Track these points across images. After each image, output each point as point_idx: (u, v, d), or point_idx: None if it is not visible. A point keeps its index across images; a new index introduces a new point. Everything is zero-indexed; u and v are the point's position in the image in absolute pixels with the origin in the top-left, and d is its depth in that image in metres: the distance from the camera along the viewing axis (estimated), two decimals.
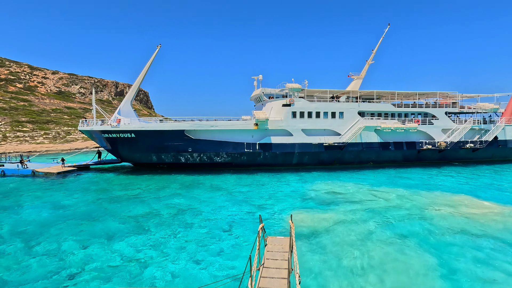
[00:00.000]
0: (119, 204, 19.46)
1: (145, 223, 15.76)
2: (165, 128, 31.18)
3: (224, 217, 16.81)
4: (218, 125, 31.95)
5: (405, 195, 21.21)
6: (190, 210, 18.12)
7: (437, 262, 11.26)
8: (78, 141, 67.42)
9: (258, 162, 32.97)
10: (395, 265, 11.08)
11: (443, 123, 36.45)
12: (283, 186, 24.64)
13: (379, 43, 40.87)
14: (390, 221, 15.73)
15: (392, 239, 13.46)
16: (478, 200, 19.64)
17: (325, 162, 34.44)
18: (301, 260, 11.19)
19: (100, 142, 33.69)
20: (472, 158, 37.39)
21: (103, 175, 30.29)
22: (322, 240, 13.31)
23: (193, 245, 13.02)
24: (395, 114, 36.92)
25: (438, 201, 19.36)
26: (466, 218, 16.00)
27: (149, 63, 32.95)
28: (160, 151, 31.78)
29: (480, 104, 39.25)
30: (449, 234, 13.92)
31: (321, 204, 19.16)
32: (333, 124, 34.19)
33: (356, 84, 40.76)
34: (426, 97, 40.82)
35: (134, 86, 33.33)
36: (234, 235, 14.21)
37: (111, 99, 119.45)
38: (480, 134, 37.17)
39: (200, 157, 32.17)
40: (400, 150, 35.16)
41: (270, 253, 9.00)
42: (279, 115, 33.15)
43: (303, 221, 15.89)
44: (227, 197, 21.17)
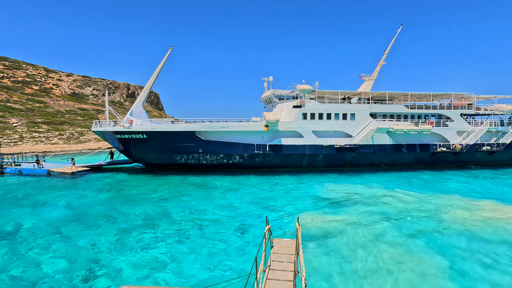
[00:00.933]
0: (131, 204, 19.68)
1: (156, 222, 15.88)
2: (177, 129, 31.46)
3: (234, 218, 16.78)
4: (229, 126, 32.02)
5: (417, 198, 20.71)
6: (200, 211, 18.16)
7: (445, 262, 11.22)
8: (91, 141, 68.82)
9: (268, 163, 32.85)
10: (404, 267, 10.89)
11: (458, 125, 35.53)
12: (293, 188, 24.45)
13: (391, 44, 40.25)
14: (401, 224, 15.38)
15: (402, 241, 13.24)
16: (494, 203, 19.00)
17: (336, 164, 34.02)
18: (308, 262, 11.18)
19: (112, 142, 34.26)
20: (489, 161, 36.28)
21: (115, 176, 30.76)
22: (331, 242, 13.19)
23: (202, 245, 13.02)
24: (408, 115, 36.20)
25: (451, 204, 18.83)
26: (474, 218, 15.48)
27: (160, 65, 33.37)
28: (171, 152, 32.07)
29: (497, 106, 38.07)
30: (459, 236, 13.49)
31: (331, 206, 18.92)
32: (345, 125, 33.78)
33: (367, 85, 40.20)
34: (440, 98, 39.89)
35: (146, 87, 33.79)
36: (242, 236, 14.16)
37: (122, 100, 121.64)
38: (497, 137, 36.06)
39: (210, 158, 32.29)
40: (413, 153, 34.44)
41: (276, 255, 8.96)
42: (289, 117, 32.98)
43: (312, 223, 15.77)
44: (237, 199, 21.14)
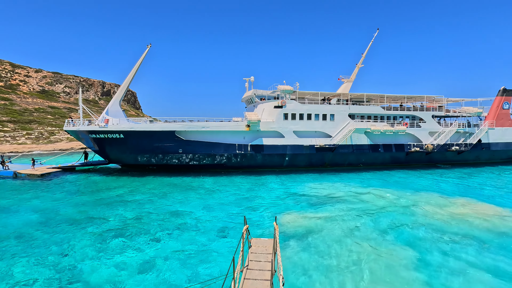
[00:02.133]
0: (106, 207, 18.84)
1: (133, 226, 15.30)
2: (156, 128, 30.59)
3: (214, 219, 16.53)
4: (210, 126, 31.61)
5: (392, 195, 21.50)
6: (179, 212, 17.73)
7: (414, 254, 11.93)
8: (63, 141, 65.40)
9: (250, 163, 32.78)
10: (378, 260, 11.35)
11: (430, 126, 37.36)
12: (274, 188, 24.54)
13: (368, 47, 41.60)
14: (376, 219, 15.89)
15: (377, 236, 13.76)
16: (461, 199, 20.15)
17: (316, 164, 34.61)
18: (288, 260, 11.33)
19: (87, 142, 32.71)
20: (457, 160, 38.46)
21: (89, 177, 29.37)
22: (310, 240, 13.39)
23: (181, 248, 12.70)
24: (384, 116, 37.57)
25: (423, 201, 19.76)
26: (442, 213, 16.35)
27: (138, 63, 32.32)
28: (150, 152, 31.14)
29: (464, 108, 40.45)
30: (427, 229, 14.17)
31: (311, 205, 19.20)
32: (324, 126, 34.43)
33: (346, 87, 41.28)
34: (413, 100, 41.76)
35: (123, 86, 32.58)
36: (222, 238, 13.98)
37: (97, 99, 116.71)
38: (465, 137, 38.30)
39: (191, 158, 31.70)
40: (389, 152, 35.77)
41: (254, 255, 8.96)
42: (270, 117, 33.11)
43: (292, 221, 15.92)
44: (217, 199, 20.87)
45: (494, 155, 39.86)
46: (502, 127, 39.52)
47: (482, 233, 14.13)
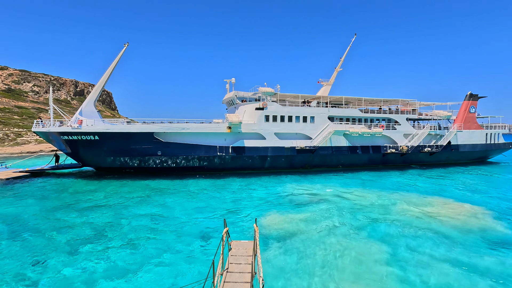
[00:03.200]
0: (77, 213, 17.84)
1: (108, 233, 14.57)
2: (133, 130, 29.52)
3: (193, 222, 16.14)
4: (190, 128, 30.99)
5: (371, 195, 22.12)
6: (156, 216, 17.14)
7: (389, 250, 12.44)
8: (31, 143, 61.56)
9: (231, 165, 32.48)
10: (354, 257, 11.72)
11: (404, 129, 38.95)
12: (255, 190, 24.44)
13: (346, 52, 42.80)
14: (356, 219, 16.25)
15: (354, 234, 14.14)
16: (432, 197, 21.12)
17: (297, 165, 34.94)
18: (269, 262, 11.31)
19: (58, 145, 30.95)
20: (429, 161, 40.37)
21: (61, 181, 27.75)
22: (291, 240, 13.46)
23: (160, 253, 12.25)
24: (362, 119, 38.71)
25: (398, 199, 20.50)
26: (415, 211, 17.07)
27: (115, 62, 31.13)
28: (127, 154, 29.98)
29: (435, 112, 42.61)
30: (400, 225, 14.71)
31: (292, 206, 19.31)
32: (305, 128, 34.88)
33: (325, 90, 42.18)
34: (389, 104, 43.39)
35: (98, 85, 31.20)
36: (201, 241, 13.66)
37: (69, 99, 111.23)
38: (436, 139, 40.28)
39: (170, 161, 30.88)
40: (367, 154, 36.85)
41: (234, 258, 8.91)
42: (252, 119, 33.04)
43: (274, 222, 15.91)
44: (197, 202, 20.43)
45: (462, 156, 42.26)
46: (469, 129, 42.01)
47: (449, 229, 14.83)
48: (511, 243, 13.29)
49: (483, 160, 45.96)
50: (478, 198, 21.63)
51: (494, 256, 11.96)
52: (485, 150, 43.47)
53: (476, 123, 42.98)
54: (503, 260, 11.61)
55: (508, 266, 11.16)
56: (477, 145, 42.48)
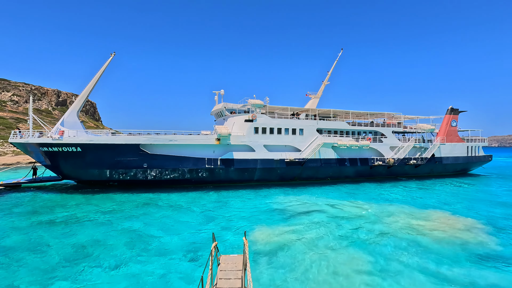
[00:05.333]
0: (56, 230, 16.68)
1: (91, 251, 13.61)
2: (118, 141, 28.52)
3: (181, 238, 15.40)
4: (178, 140, 30.30)
5: (359, 207, 22.04)
6: (142, 233, 16.26)
7: (371, 259, 12.58)
8: (7, 155, 58.61)
9: (220, 178, 31.82)
10: (344, 269, 11.43)
11: (390, 141, 39.70)
12: (244, 203, 23.87)
13: (333, 66, 43.78)
14: (348, 232, 16.00)
15: (342, 247, 13.89)
16: (417, 209, 21.27)
17: (286, 178, 34.68)
18: (260, 275, 11.00)
19: (36, 156, 29.43)
20: (415, 173, 41.14)
21: (38, 195, 26.19)
22: (281, 255, 13.15)
23: (147, 273, 11.48)
24: (350, 132, 39.23)
25: (385, 211, 20.50)
26: (402, 223, 17.07)
27: (100, 71, 30.35)
28: (111, 167, 28.83)
29: (419, 125, 43.85)
30: (389, 238, 14.58)
31: (282, 219, 18.92)
32: (294, 140, 34.89)
33: (313, 102, 42.69)
34: (375, 117, 44.34)
35: (82, 95, 30.21)
36: (189, 257, 12.98)
37: (51, 109, 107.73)
38: (420, 152, 41.25)
39: (157, 173, 29.91)
40: (355, 166, 37.14)
41: (223, 273, 8.59)
42: (241, 131, 32.77)
43: (263, 236, 15.52)
44: (185, 217, 19.64)
45: (445, 168, 43.38)
46: (451, 142, 43.37)
47: (428, 239, 14.80)
48: (496, 255, 13.34)
49: (465, 172, 47.35)
50: (469, 211, 21.93)
51: (480, 268, 11.91)
52: (466, 162, 44.86)
53: (457, 137, 44.45)
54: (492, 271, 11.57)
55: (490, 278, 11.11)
56: (459, 158, 43.81)
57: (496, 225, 17.95)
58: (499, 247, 14.36)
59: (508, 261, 12.76)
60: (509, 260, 12.86)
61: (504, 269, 11.94)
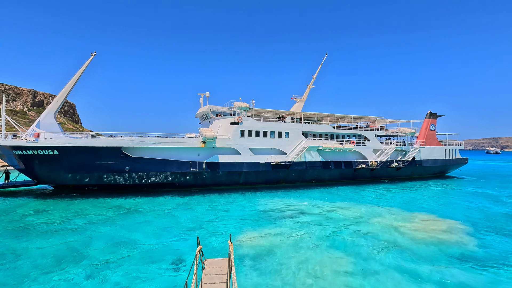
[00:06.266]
0: (29, 238, 15.71)
1: (68, 260, 12.86)
2: (99, 144, 27.45)
3: (165, 243, 14.91)
4: (161, 142, 29.56)
5: (344, 209, 22.26)
6: (124, 241, 15.59)
7: (352, 260, 12.34)
8: None
9: (205, 182, 31.28)
10: (327, 270, 11.43)
11: (374, 144, 40.57)
12: (230, 206, 23.55)
13: (318, 70, 44.36)
14: (333, 235, 16.05)
15: (330, 251, 13.92)
16: (401, 211, 21.76)
17: (272, 181, 34.61)
18: (245, 278, 10.90)
19: (9, 160, 27.81)
20: (397, 175, 42.23)
21: (12, 201, 24.69)
22: (267, 258, 13.06)
23: (124, 281, 10.95)
24: (334, 135, 39.77)
25: (369, 212, 20.84)
26: (385, 223, 17.40)
27: (80, 71, 29.24)
28: (91, 170, 27.67)
29: (400, 129, 45.13)
30: (371, 237, 14.80)
31: (268, 223, 18.79)
32: (280, 143, 34.93)
33: (298, 106, 43.01)
34: (358, 120, 45.22)
35: (60, 96, 28.93)
36: (174, 262, 12.57)
37: (26, 110, 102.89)
38: (402, 155, 42.42)
39: (139, 177, 28.99)
40: (339, 169, 37.63)
41: (208, 277, 8.45)
42: (227, 133, 32.44)
43: (249, 239, 15.35)
44: (168, 221, 19.07)
45: (425, 170, 44.81)
46: (431, 146, 44.91)
47: (407, 240, 15.13)
48: (469, 256, 13.75)
49: (443, 174, 49.14)
50: (446, 212, 22.61)
51: (458, 267, 12.23)
52: (444, 165, 46.57)
53: (436, 140, 46.10)
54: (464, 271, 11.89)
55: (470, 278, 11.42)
56: (438, 161, 45.41)
57: (472, 226, 18.57)
58: (474, 247, 14.81)
59: (479, 261, 13.16)
60: (480, 260, 13.28)
61: (475, 268, 12.29)
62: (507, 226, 18.83)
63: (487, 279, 11.37)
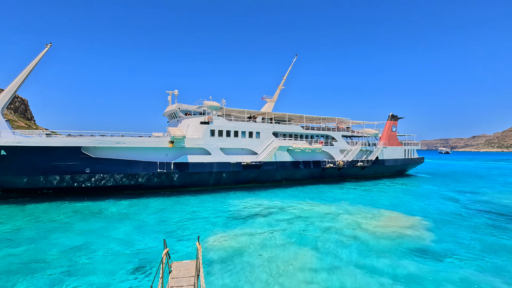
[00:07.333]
0: None
1: (20, 272, 11.55)
2: (54, 144, 25.24)
3: (129, 249, 14.03)
4: (126, 142, 27.96)
5: (312, 207, 22.78)
6: (83, 246, 14.43)
7: (318, 255, 13.22)
8: None
9: (173, 183, 30.18)
10: (294, 267, 11.77)
11: (340, 145, 42.11)
12: (199, 208, 22.93)
13: (288, 71, 44.99)
14: (300, 233, 16.31)
15: (304, 250, 14.19)
16: (364, 207, 22.83)
17: (243, 181, 34.41)
18: (211, 282, 10.73)
19: None
20: (362, 174, 44.25)
21: None
22: (236, 259, 12.97)
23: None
24: (303, 135, 40.62)
25: (333, 210, 21.56)
26: (349, 220, 18.17)
27: (33, 63, 26.69)
28: (46, 172, 25.35)
29: (365, 130, 47.38)
30: (331, 234, 15.35)
31: (237, 223, 18.64)
32: (251, 143, 34.83)
33: (269, 106, 43.28)
34: (327, 121, 46.69)
35: (9, 90, 26.14)
36: (140, 269, 11.88)
37: None
38: (366, 155, 44.54)
39: (101, 179, 27.15)
40: (308, 168, 38.50)
41: (175, 280, 8.25)
42: (196, 133, 31.62)
43: (217, 241, 15.08)
44: (133, 225, 18.00)
45: (387, 169, 47.51)
46: (392, 146, 47.72)
47: (368, 235, 15.92)
48: (423, 249, 14.75)
49: (402, 172, 52.51)
50: (405, 208, 24.05)
51: (414, 261, 13.01)
52: (404, 164, 49.77)
53: (397, 141, 49.10)
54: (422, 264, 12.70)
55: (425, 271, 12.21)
56: (399, 160, 48.39)
57: (428, 221, 19.93)
58: (430, 241, 15.86)
59: (430, 253, 14.11)
60: (432, 252, 14.25)
61: (426, 260, 13.16)
62: (459, 220, 20.48)
63: (433, 269, 12.17)
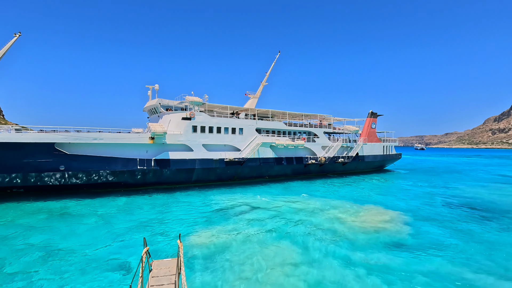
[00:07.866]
0: None
1: None
2: (25, 140, 23.81)
3: (107, 249, 13.56)
4: (104, 138, 26.88)
5: (294, 203, 23.03)
6: (57, 250, 13.75)
7: (298, 250, 13.17)
8: None
9: (154, 180, 29.42)
10: (274, 261, 12.07)
11: (322, 141, 42.73)
12: (181, 205, 22.53)
13: (271, 67, 44.96)
14: (282, 229, 16.45)
15: (284, 245, 14.34)
16: (344, 202, 23.40)
17: (226, 178, 34.15)
18: (192, 281, 10.60)
19: None
20: (343, 170, 45.22)
21: None
22: (218, 256, 12.94)
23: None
24: (286, 132, 40.83)
25: (314, 204, 21.95)
26: (330, 214, 18.60)
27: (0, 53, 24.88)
28: (15, 170, 23.92)
29: (346, 126, 48.35)
30: (312, 228, 15.67)
31: (219, 220, 18.55)
32: (234, 139, 34.57)
33: (252, 102, 43.11)
34: (309, 118, 47.16)
35: None
36: (119, 269, 11.52)
37: None
38: (347, 151, 45.50)
39: (77, 177, 25.98)
40: (291, 165, 38.82)
41: (155, 279, 8.13)
42: (178, 129, 30.93)
43: (199, 238, 14.96)
44: (112, 224, 17.42)
45: (367, 165, 48.82)
46: (372, 142, 49.03)
47: (347, 230, 16.37)
48: (396, 242, 15.32)
49: (381, 168, 54.19)
50: (384, 202, 24.82)
51: (392, 254, 13.48)
52: (383, 160, 51.34)
53: (376, 137, 50.48)
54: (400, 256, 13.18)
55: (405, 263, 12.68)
56: (378, 156, 49.84)
57: (405, 215, 20.68)
58: (405, 234, 16.47)
59: (402, 246, 14.67)
60: (406, 245, 14.81)
61: (399, 253, 13.67)
62: (434, 215, 21.38)
63: (406, 261, 12.65)
